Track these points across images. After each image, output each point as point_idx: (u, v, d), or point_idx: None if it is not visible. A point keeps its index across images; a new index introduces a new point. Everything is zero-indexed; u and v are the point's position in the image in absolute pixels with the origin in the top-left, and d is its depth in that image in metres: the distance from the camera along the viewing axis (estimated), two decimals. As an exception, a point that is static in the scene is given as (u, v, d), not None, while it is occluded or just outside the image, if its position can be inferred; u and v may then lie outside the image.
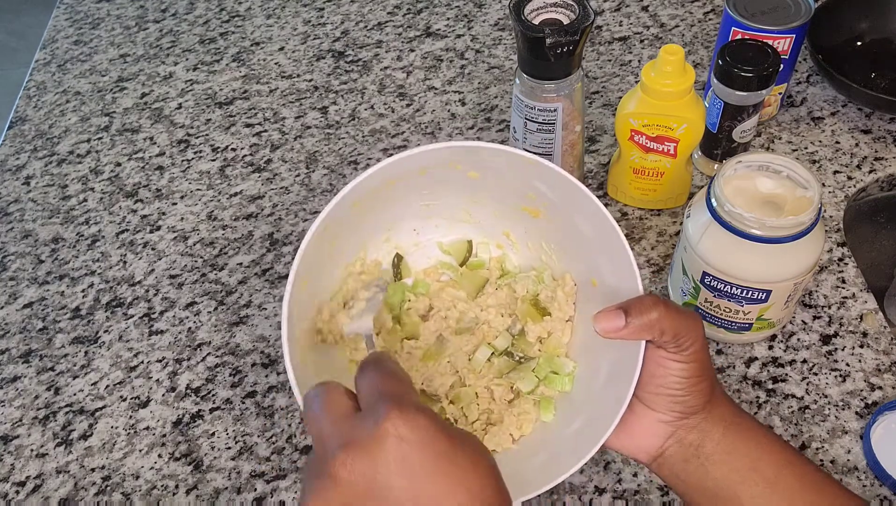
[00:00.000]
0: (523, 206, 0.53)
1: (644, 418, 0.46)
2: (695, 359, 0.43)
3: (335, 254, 0.52)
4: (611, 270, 0.48)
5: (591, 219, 0.47)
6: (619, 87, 0.85)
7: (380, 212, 0.52)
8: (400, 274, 0.58)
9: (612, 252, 0.47)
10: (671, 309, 0.42)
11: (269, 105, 0.88)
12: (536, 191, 0.50)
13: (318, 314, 0.51)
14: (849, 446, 0.56)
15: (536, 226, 0.54)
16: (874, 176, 0.74)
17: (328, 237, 0.48)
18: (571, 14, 0.60)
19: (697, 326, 0.43)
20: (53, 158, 0.85)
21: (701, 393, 0.44)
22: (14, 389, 0.65)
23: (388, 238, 0.56)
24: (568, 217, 0.50)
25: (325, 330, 0.52)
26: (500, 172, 0.49)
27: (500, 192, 0.52)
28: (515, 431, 0.52)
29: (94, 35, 1.01)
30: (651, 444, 0.46)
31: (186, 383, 0.64)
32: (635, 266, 0.45)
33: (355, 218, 0.51)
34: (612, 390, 0.46)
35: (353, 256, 0.55)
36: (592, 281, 0.51)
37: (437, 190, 0.53)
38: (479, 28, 0.95)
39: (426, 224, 0.57)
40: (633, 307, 0.42)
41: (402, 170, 0.48)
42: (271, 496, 0.57)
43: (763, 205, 0.54)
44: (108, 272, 0.73)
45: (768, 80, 0.65)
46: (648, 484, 0.55)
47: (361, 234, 0.54)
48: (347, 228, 0.51)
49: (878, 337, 0.62)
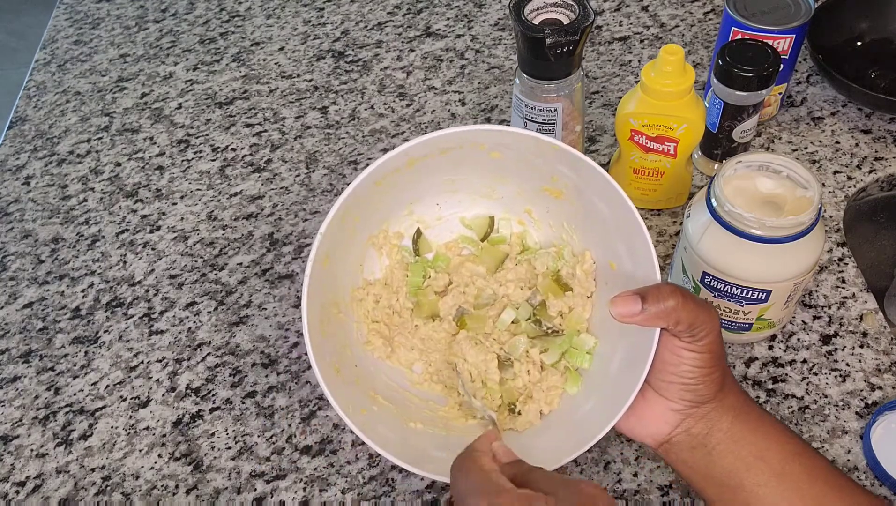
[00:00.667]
0: (545, 186, 0.54)
1: (655, 404, 0.46)
2: (709, 350, 0.43)
3: (358, 228, 0.54)
4: (629, 257, 0.49)
5: (611, 205, 0.48)
6: (619, 87, 0.85)
7: (403, 188, 0.53)
8: (419, 249, 0.59)
9: (632, 239, 0.48)
10: (689, 299, 0.42)
11: (269, 105, 0.88)
12: (560, 173, 0.51)
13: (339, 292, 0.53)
14: (849, 446, 0.56)
15: (559, 206, 0.55)
16: (874, 176, 0.74)
17: (351, 214, 0.50)
18: (571, 14, 0.60)
19: (713, 318, 0.43)
20: (53, 158, 0.85)
21: (713, 383, 0.44)
22: (14, 389, 0.65)
23: (412, 211, 0.58)
24: (589, 201, 0.51)
25: (342, 304, 0.54)
26: (523, 153, 0.50)
27: (523, 172, 0.53)
28: (545, 406, 0.53)
29: (94, 35, 1.01)
30: (660, 430, 0.46)
31: (186, 382, 0.64)
32: (654, 254, 0.46)
33: (378, 195, 0.52)
34: (625, 375, 0.47)
35: (377, 228, 0.57)
36: (611, 264, 0.52)
37: (460, 168, 0.54)
38: (479, 28, 0.95)
39: (449, 199, 0.58)
40: (650, 294, 0.42)
41: (426, 150, 0.49)
42: (271, 496, 0.57)
43: (763, 205, 0.54)
44: (108, 272, 0.73)
45: (768, 80, 0.65)
46: (648, 484, 0.55)
47: (384, 208, 0.55)
48: (371, 205, 0.53)
49: (878, 337, 0.62)
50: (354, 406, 0.48)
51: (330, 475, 0.58)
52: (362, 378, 0.53)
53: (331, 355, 0.49)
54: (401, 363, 0.56)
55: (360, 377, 0.53)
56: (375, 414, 0.50)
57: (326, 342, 0.49)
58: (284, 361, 0.65)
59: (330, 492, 0.57)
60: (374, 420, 0.49)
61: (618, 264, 0.51)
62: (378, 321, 0.57)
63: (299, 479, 0.58)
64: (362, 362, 0.54)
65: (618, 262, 0.51)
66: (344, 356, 0.52)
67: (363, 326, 0.56)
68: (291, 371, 0.64)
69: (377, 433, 0.47)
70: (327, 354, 0.49)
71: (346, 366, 0.52)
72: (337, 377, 0.49)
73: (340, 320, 0.53)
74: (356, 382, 0.52)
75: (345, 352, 0.53)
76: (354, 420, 0.46)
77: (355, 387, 0.51)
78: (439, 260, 0.59)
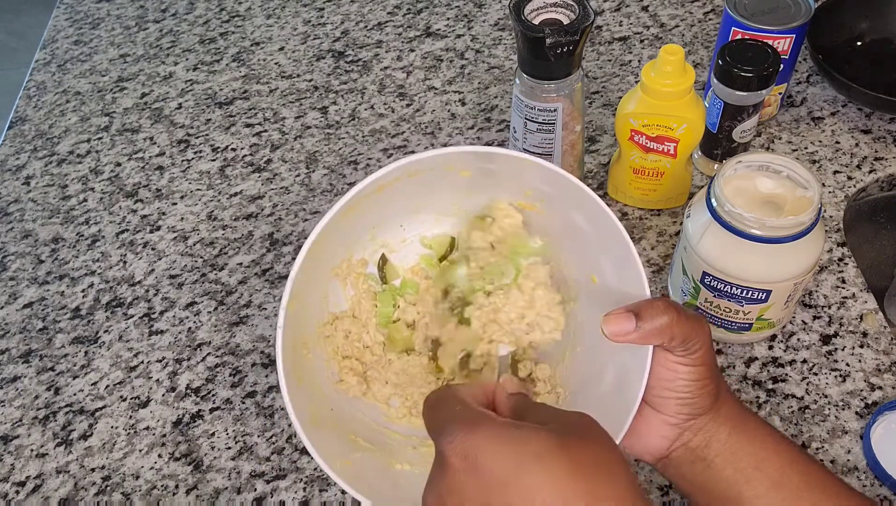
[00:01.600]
0: (519, 201, 0.52)
1: (651, 420, 0.45)
2: (702, 362, 0.43)
3: (321, 261, 0.51)
4: (615, 270, 0.48)
5: (592, 219, 0.47)
6: (619, 87, 0.85)
7: (365, 212, 0.51)
8: (385, 277, 0.57)
9: (617, 254, 0.46)
10: (682, 314, 0.41)
11: (269, 105, 0.88)
12: (534, 188, 0.50)
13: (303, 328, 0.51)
14: (849, 446, 0.56)
15: (531, 218, 0.53)
16: (874, 176, 0.74)
17: (313, 248, 0.46)
18: (571, 14, 0.60)
19: (704, 330, 0.42)
20: (53, 158, 0.85)
21: (708, 395, 0.44)
22: (14, 389, 0.65)
23: (374, 236, 0.55)
24: (567, 215, 0.49)
25: (310, 343, 0.52)
26: (494, 171, 0.49)
27: (494, 189, 0.52)
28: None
29: (94, 35, 1.01)
30: (658, 446, 0.46)
31: (186, 382, 0.64)
32: (642, 270, 0.45)
33: (342, 223, 0.49)
34: (620, 395, 0.46)
35: (339, 258, 0.54)
36: (592, 278, 0.51)
37: (427, 189, 0.52)
38: (479, 28, 0.95)
39: (413, 219, 0.56)
40: (643, 311, 0.41)
41: (393, 177, 0.47)
42: (271, 496, 0.57)
43: (763, 205, 0.54)
44: (108, 272, 0.73)
45: (768, 80, 0.65)
46: (648, 484, 0.55)
47: (347, 236, 0.53)
48: (333, 236, 0.49)
49: (878, 337, 0.62)
50: (340, 457, 0.46)
51: (330, 475, 0.58)
52: (340, 421, 0.50)
53: (307, 404, 0.47)
54: (377, 399, 0.54)
55: (338, 420, 0.50)
56: (360, 461, 0.48)
57: (301, 391, 0.47)
58: (284, 361, 0.65)
59: (330, 492, 0.57)
60: (363, 468, 0.47)
61: (600, 278, 0.49)
62: (349, 357, 0.54)
63: (299, 479, 0.58)
64: (337, 404, 0.51)
65: (600, 276, 0.49)
66: (318, 400, 0.50)
67: (333, 363, 0.53)
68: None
69: (367, 483, 0.45)
70: (305, 405, 0.46)
71: (321, 411, 0.49)
72: (316, 430, 0.46)
73: (309, 361, 0.51)
74: (334, 427, 0.49)
75: (318, 394, 0.50)
76: (343, 475, 0.44)
77: (333, 433, 0.49)
78: (407, 287, 0.56)
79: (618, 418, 0.45)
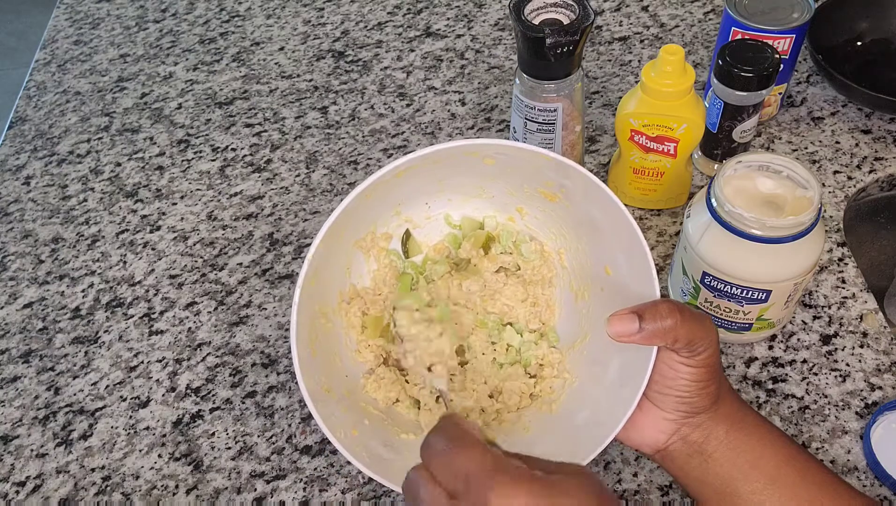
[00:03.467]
0: (540, 189, 0.53)
1: (650, 414, 0.46)
2: (706, 364, 0.43)
3: (345, 235, 0.52)
4: (628, 266, 0.48)
5: (608, 215, 0.47)
6: (619, 87, 0.85)
7: (390, 191, 0.52)
8: (408, 252, 0.57)
9: (631, 251, 0.47)
10: (686, 316, 0.41)
11: (269, 105, 0.88)
12: (553, 181, 0.50)
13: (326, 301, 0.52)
14: (849, 446, 0.56)
15: (552, 208, 0.54)
16: (874, 176, 0.74)
17: (338, 229, 0.48)
18: (571, 14, 0.60)
19: (712, 333, 0.42)
20: (53, 158, 0.85)
21: (708, 396, 0.44)
22: (14, 389, 0.65)
23: (399, 212, 0.56)
24: (585, 208, 0.50)
25: (329, 312, 0.52)
26: (517, 161, 0.49)
27: (516, 175, 0.52)
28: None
29: (94, 35, 1.01)
30: (655, 439, 0.46)
31: (186, 383, 0.64)
32: (653, 270, 0.45)
33: (365, 202, 0.50)
34: (621, 390, 0.47)
35: (364, 231, 0.55)
36: (606, 269, 0.51)
37: (452, 171, 0.53)
38: (479, 28, 0.95)
39: (438, 198, 0.56)
40: (647, 312, 0.42)
41: (415, 162, 0.48)
42: (271, 496, 0.57)
43: (763, 205, 0.54)
44: (108, 272, 0.73)
45: (768, 80, 0.65)
46: (648, 484, 0.55)
47: (371, 212, 0.54)
48: (357, 214, 0.51)
49: (878, 337, 0.62)
50: (346, 427, 0.47)
51: (330, 475, 0.58)
52: (354, 390, 0.52)
53: (320, 374, 0.48)
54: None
55: (352, 389, 0.52)
56: (367, 429, 0.49)
57: (315, 361, 0.48)
58: (284, 361, 0.65)
59: (330, 492, 0.57)
60: (366, 437, 0.48)
61: (614, 271, 0.50)
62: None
63: (299, 479, 0.58)
64: (352, 372, 0.53)
65: (615, 269, 0.50)
66: (333, 368, 0.51)
67: (351, 333, 0.54)
68: (291, 371, 0.64)
69: (369, 451, 0.46)
70: (316, 374, 0.47)
71: (335, 379, 0.50)
72: (327, 396, 0.47)
73: (328, 330, 0.52)
74: (346, 395, 0.51)
75: (334, 362, 0.51)
76: (345, 443, 0.45)
77: (346, 401, 0.50)
78: (428, 264, 0.57)
79: (616, 412, 0.46)
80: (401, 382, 0.54)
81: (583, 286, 0.55)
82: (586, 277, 0.54)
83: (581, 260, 0.55)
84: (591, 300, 0.54)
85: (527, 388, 0.54)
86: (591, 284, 0.54)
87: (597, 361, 0.52)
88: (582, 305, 0.55)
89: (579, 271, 0.55)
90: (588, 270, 0.54)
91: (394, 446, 0.50)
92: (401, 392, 0.54)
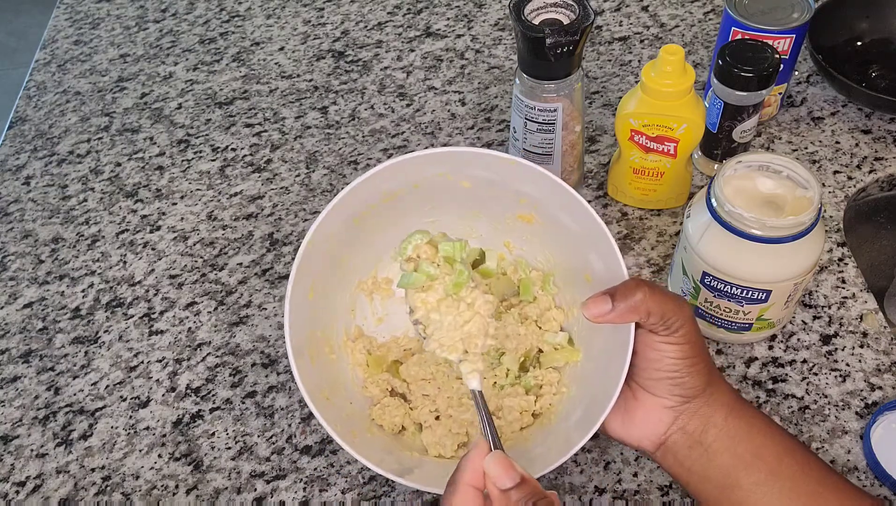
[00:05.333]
0: (518, 214, 0.54)
1: (646, 403, 0.46)
2: (687, 340, 0.44)
3: (347, 269, 0.54)
4: (601, 263, 0.49)
5: (573, 214, 0.48)
6: (619, 87, 0.85)
7: (387, 229, 0.54)
8: None
9: (599, 244, 0.48)
10: (655, 290, 0.43)
11: (269, 105, 0.88)
12: (524, 194, 0.51)
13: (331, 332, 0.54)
14: (849, 446, 0.56)
15: (532, 232, 0.56)
16: (874, 176, 0.74)
17: (335, 251, 0.49)
18: (571, 14, 0.60)
19: (684, 307, 0.44)
20: (53, 158, 0.85)
21: (699, 374, 0.45)
22: (14, 389, 0.65)
23: (396, 256, 0.56)
24: (555, 216, 0.51)
25: (334, 345, 0.54)
26: (489, 179, 0.50)
27: (494, 201, 0.53)
28: None
29: (94, 35, 1.01)
30: (655, 431, 0.46)
31: (186, 383, 0.64)
32: (619, 253, 0.47)
33: (362, 235, 0.52)
34: (607, 375, 0.47)
35: (367, 273, 0.57)
36: (587, 277, 0.52)
37: (437, 205, 0.54)
38: (479, 28, 0.95)
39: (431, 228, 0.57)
40: (618, 291, 0.43)
41: (395, 185, 0.49)
42: (271, 496, 0.57)
43: (763, 205, 0.54)
44: (108, 272, 0.73)
45: (768, 80, 0.65)
46: (648, 484, 0.55)
47: (372, 250, 0.56)
48: (355, 246, 0.53)
49: (878, 337, 0.62)
50: (345, 427, 0.48)
51: (330, 475, 0.58)
52: (357, 416, 0.53)
53: (320, 384, 0.49)
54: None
55: (355, 415, 0.53)
56: (368, 438, 0.50)
57: (315, 371, 0.49)
58: (284, 361, 0.65)
59: (330, 492, 0.57)
60: (367, 442, 0.49)
61: (593, 275, 0.51)
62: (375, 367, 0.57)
63: (299, 479, 0.58)
64: (358, 402, 0.54)
65: (592, 273, 0.51)
66: (336, 389, 0.52)
67: (358, 370, 0.56)
68: (291, 371, 0.64)
69: (370, 448, 0.47)
70: (315, 377, 0.48)
71: (337, 397, 0.52)
72: (327, 403, 0.48)
73: (332, 361, 0.54)
74: (350, 415, 0.52)
75: (337, 388, 0.53)
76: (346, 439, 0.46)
77: (350, 408, 0.52)
78: None
79: (607, 397, 0.46)
80: (405, 408, 0.55)
81: (571, 303, 0.56)
82: (573, 291, 0.55)
83: (565, 277, 0.56)
84: (579, 315, 0.54)
85: (527, 405, 0.54)
86: (577, 298, 0.55)
87: (583, 363, 0.53)
88: (573, 322, 0.56)
89: (565, 289, 0.56)
90: (572, 284, 0.55)
91: (393, 452, 0.51)
92: (405, 417, 0.55)
